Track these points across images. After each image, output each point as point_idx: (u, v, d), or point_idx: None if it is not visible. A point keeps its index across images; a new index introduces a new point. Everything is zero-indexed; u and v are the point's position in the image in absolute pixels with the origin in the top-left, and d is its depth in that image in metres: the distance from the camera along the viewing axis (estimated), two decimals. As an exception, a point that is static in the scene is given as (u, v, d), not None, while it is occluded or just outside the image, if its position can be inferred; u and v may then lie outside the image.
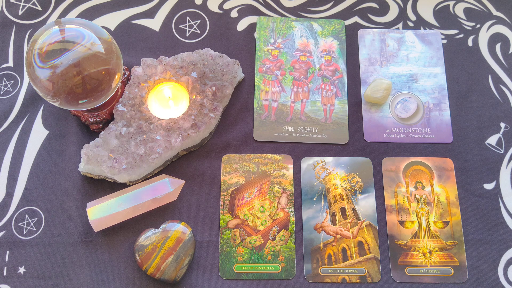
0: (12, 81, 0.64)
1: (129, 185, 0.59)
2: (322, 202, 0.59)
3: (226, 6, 0.68)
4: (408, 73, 0.65)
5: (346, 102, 0.64)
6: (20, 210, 0.58)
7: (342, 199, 0.59)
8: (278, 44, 0.66)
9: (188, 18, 0.67)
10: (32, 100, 0.63)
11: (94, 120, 0.60)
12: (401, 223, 0.59)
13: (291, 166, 0.61)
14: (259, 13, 0.68)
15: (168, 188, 0.57)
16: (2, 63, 0.65)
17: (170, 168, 0.60)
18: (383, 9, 0.69)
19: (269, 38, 0.66)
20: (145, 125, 0.58)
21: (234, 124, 0.63)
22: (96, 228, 0.56)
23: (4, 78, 0.64)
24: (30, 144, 0.61)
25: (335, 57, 0.66)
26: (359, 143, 0.62)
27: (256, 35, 0.67)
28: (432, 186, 0.60)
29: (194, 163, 0.61)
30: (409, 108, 0.64)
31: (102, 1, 0.68)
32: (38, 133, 0.61)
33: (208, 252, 0.57)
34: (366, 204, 0.59)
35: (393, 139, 0.62)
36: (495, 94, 0.65)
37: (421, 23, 0.68)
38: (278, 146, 0.62)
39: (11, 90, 0.63)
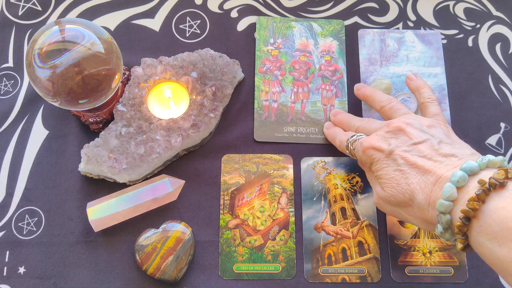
0: (12, 81, 0.64)
1: (129, 185, 0.59)
2: (322, 202, 0.59)
3: (226, 6, 0.68)
4: (409, 73, 0.65)
5: (346, 102, 0.64)
6: (20, 210, 0.58)
7: (342, 199, 0.59)
8: (277, 44, 0.66)
9: (188, 18, 0.67)
10: (32, 100, 0.63)
11: (94, 120, 0.60)
12: (401, 223, 0.59)
13: (291, 166, 0.61)
14: (259, 13, 0.68)
15: (168, 188, 0.57)
16: (2, 63, 0.65)
17: (170, 168, 0.60)
18: (383, 9, 0.69)
19: (268, 38, 0.66)
20: (145, 125, 0.58)
21: (234, 124, 0.63)
22: (96, 228, 0.56)
23: (4, 78, 0.64)
24: (30, 144, 0.61)
25: (335, 57, 0.66)
26: (359, 143, 0.62)
27: (256, 35, 0.67)
28: (432, 186, 0.60)
29: (194, 163, 0.61)
30: (409, 108, 0.64)
31: (102, 1, 0.68)
32: (38, 133, 0.61)
33: (208, 252, 0.57)
34: (366, 204, 0.59)
35: (393, 139, 0.62)
36: (495, 94, 0.65)
37: (421, 23, 0.68)
38: (278, 146, 0.62)
39: (11, 90, 0.63)
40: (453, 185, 0.42)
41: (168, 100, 0.61)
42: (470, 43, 0.67)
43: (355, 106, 0.64)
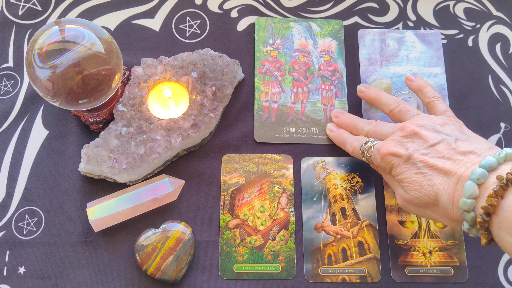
0: (12, 81, 0.64)
1: (129, 185, 0.59)
2: (322, 202, 0.59)
3: (226, 6, 0.68)
4: (408, 73, 0.65)
5: (346, 102, 0.64)
6: (20, 210, 0.58)
7: (342, 199, 0.59)
8: (277, 45, 0.66)
9: (188, 18, 0.67)
10: (32, 100, 0.63)
11: (94, 120, 0.60)
12: (401, 223, 0.59)
13: (291, 166, 0.61)
14: (259, 13, 0.68)
15: (168, 188, 0.57)
16: (2, 63, 0.65)
17: (170, 168, 0.60)
18: (383, 9, 0.69)
19: (267, 39, 0.66)
20: (145, 125, 0.58)
21: (234, 124, 0.63)
22: (96, 228, 0.56)
23: (4, 78, 0.64)
24: (30, 144, 0.61)
25: (334, 57, 0.66)
26: (359, 143, 0.62)
27: (255, 35, 0.67)
28: (432, 186, 0.60)
29: (194, 163, 0.61)
30: (409, 108, 0.64)
31: (102, 1, 0.68)
32: (38, 133, 0.61)
33: (208, 252, 0.57)
34: (366, 204, 0.59)
35: (393, 139, 0.62)
36: (495, 94, 0.65)
37: (421, 23, 0.68)
38: (278, 146, 0.62)
39: (11, 90, 0.63)
40: (474, 182, 0.42)
41: (168, 100, 0.61)
42: (470, 43, 0.67)
43: (355, 106, 0.64)
